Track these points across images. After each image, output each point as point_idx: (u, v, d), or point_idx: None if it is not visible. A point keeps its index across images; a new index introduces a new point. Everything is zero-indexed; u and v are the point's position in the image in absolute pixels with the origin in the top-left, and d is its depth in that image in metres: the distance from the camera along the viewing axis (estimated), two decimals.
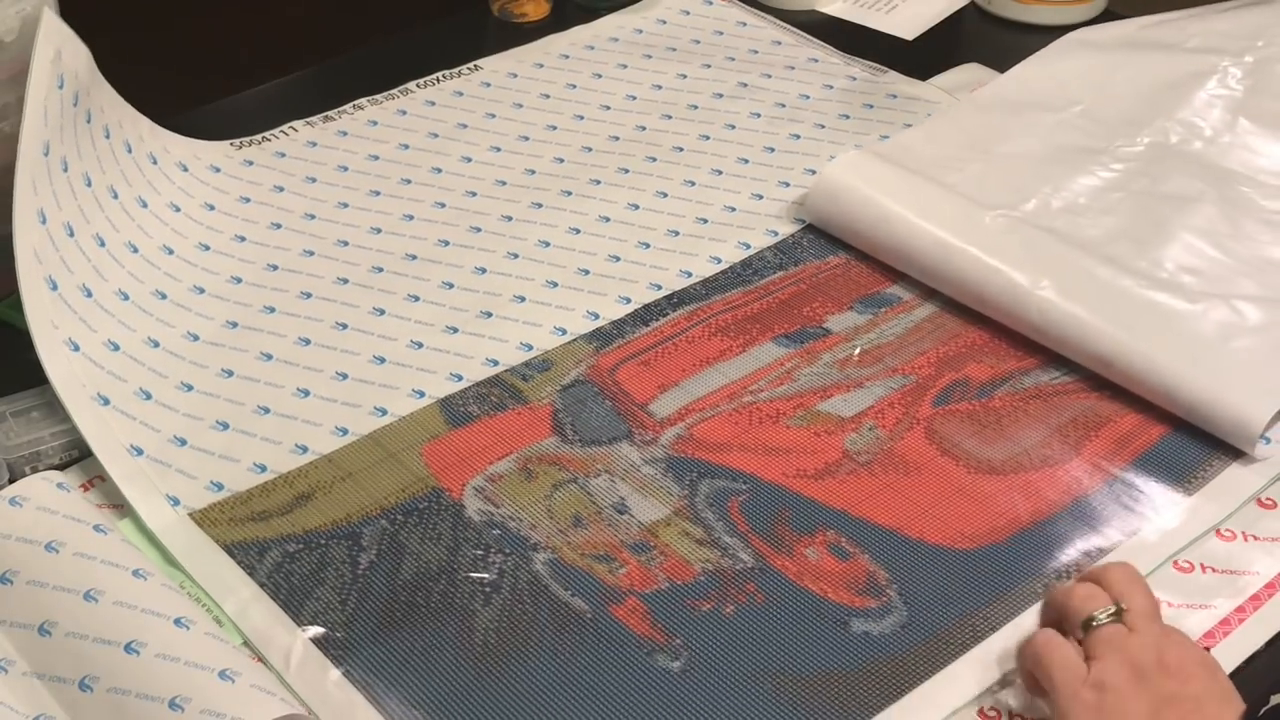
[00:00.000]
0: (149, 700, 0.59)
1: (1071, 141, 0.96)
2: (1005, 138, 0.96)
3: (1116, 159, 0.94)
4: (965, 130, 0.97)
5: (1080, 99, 0.99)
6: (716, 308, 0.87)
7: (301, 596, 0.68)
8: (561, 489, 0.74)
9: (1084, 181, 0.92)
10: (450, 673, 0.65)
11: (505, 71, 1.10)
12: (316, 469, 0.75)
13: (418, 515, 0.72)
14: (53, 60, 0.79)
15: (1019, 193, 0.90)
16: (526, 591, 0.69)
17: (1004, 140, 0.96)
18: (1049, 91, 1.00)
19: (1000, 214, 0.87)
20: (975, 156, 0.93)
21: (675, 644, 0.66)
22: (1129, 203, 0.90)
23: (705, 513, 0.73)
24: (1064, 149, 0.95)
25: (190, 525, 0.71)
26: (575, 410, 0.79)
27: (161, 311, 0.84)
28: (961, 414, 0.79)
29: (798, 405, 0.80)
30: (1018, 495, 0.74)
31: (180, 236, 0.89)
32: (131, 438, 0.75)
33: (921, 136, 0.97)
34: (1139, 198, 0.91)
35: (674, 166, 1.00)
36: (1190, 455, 0.76)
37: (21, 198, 0.77)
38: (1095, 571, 0.66)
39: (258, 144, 1.00)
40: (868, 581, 0.69)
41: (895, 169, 0.91)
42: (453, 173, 0.99)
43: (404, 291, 0.87)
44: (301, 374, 0.81)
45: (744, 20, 1.17)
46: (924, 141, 0.96)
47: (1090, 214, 0.89)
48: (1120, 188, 0.92)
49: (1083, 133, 0.97)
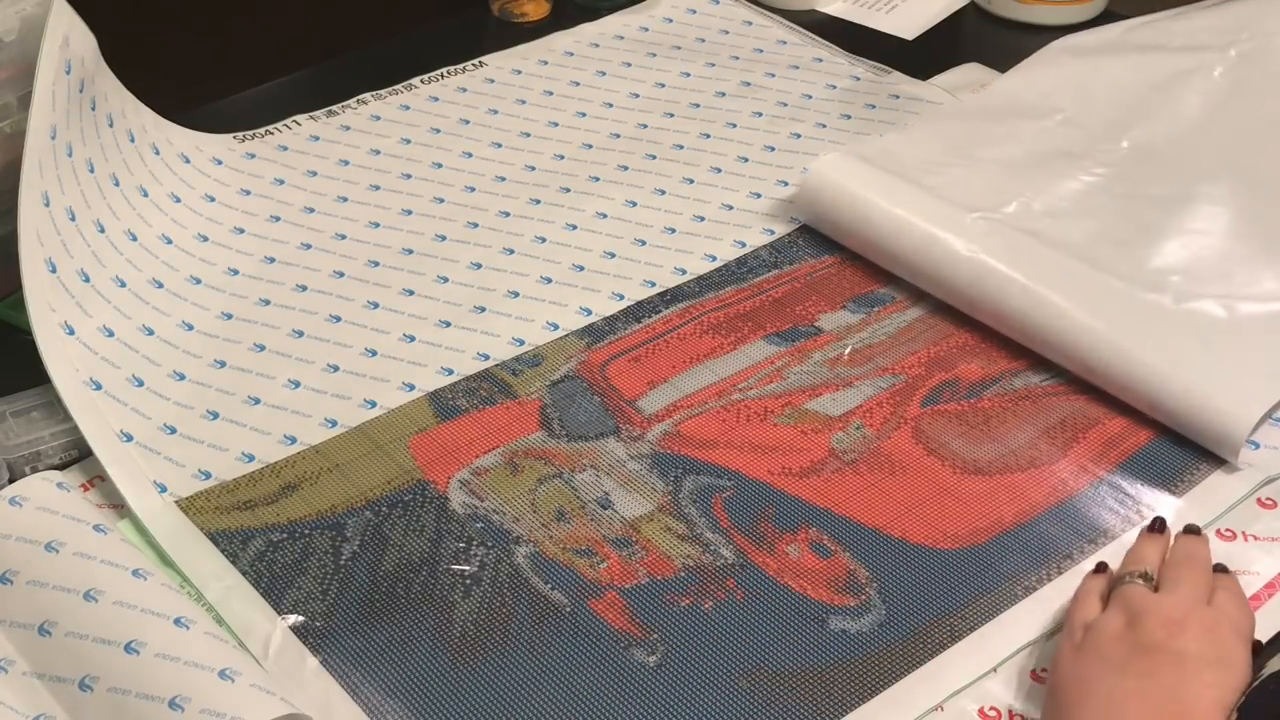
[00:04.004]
0: (149, 700, 0.59)
1: (1053, 147, 0.95)
2: (987, 143, 0.95)
3: (1099, 163, 0.94)
4: (947, 135, 0.97)
5: (1062, 107, 0.99)
6: (709, 305, 0.87)
7: (283, 585, 0.68)
8: (546, 483, 0.75)
9: (1066, 185, 0.92)
10: (427, 663, 0.65)
11: (509, 68, 1.10)
12: (304, 460, 0.75)
13: (402, 507, 0.73)
14: (61, 46, 0.80)
15: (1000, 195, 0.89)
16: (506, 584, 0.69)
17: (985, 145, 0.95)
18: (1031, 101, 0.99)
19: (980, 216, 0.87)
20: (956, 160, 0.93)
21: (652, 639, 0.66)
22: (1111, 206, 0.90)
23: (688, 509, 0.73)
24: (1046, 154, 0.95)
25: (176, 512, 0.72)
26: (564, 405, 0.80)
27: (157, 300, 0.85)
28: (950, 414, 0.79)
29: (786, 403, 0.80)
30: (1003, 496, 0.74)
31: (179, 227, 0.90)
32: (122, 423, 0.76)
33: (904, 140, 0.96)
34: (1121, 200, 0.90)
35: (673, 164, 1.00)
36: (1179, 458, 0.76)
37: (28, 179, 0.78)
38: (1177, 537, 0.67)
39: (260, 137, 1.01)
40: (847, 580, 0.69)
41: (876, 170, 0.91)
42: (453, 168, 0.99)
43: (399, 285, 0.88)
44: (293, 365, 0.82)
45: (750, 19, 1.18)
46: (906, 145, 0.95)
47: (1072, 217, 0.89)
48: (1103, 191, 0.91)
49: (1065, 139, 0.96)
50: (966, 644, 0.66)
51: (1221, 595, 0.63)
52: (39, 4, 0.79)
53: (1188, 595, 0.62)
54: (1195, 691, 0.58)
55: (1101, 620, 0.62)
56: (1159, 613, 0.61)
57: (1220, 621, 0.61)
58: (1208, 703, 0.57)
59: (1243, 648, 0.61)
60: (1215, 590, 0.64)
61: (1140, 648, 0.59)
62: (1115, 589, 0.64)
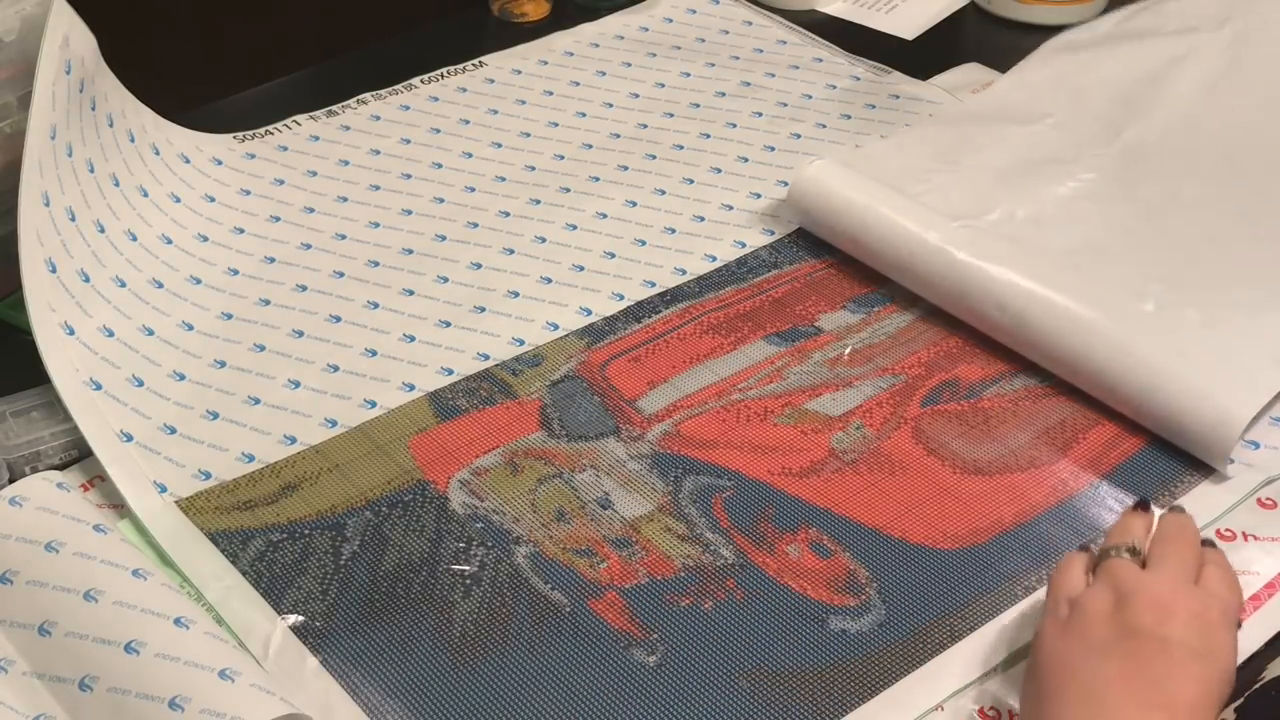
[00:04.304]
0: (149, 700, 0.59)
1: (1041, 153, 0.94)
2: (973, 149, 0.95)
3: (1087, 168, 0.93)
4: (935, 141, 0.96)
5: (1052, 110, 0.98)
6: (709, 305, 0.87)
7: (283, 585, 0.68)
8: (546, 483, 0.75)
9: (1052, 191, 0.91)
10: (427, 663, 0.65)
11: (509, 68, 1.10)
12: (304, 460, 0.75)
13: (402, 507, 0.73)
14: (61, 46, 0.80)
15: (984, 202, 0.89)
16: (506, 584, 0.69)
17: (972, 152, 0.95)
18: (1022, 104, 0.99)
19: (964, 224, 0.86)
20: (942, 167, 0.92)
21: (652, 639, 0.66)
22: (1096, 212, 0.89)
23: (688, 509, 0.73)
24: (1032, 161, 0.94)
25: (176, 512, 0.72)
26: (564, 405, 0.80)
27: (157, 300, 0.85)
28: (950, 414, 0.79)
29: (786, 403, 0.80)
30: (1002, 496, 0.74)
31: (179, 227, 0.90)
32: (122, 423, 0.76)
33: (891, 147, 0.96)
34: (1106, 205, 0.90)
35: (673, 164, 1.00)
36: (1179, 457, 0.76)
37: (28, 179, 0.78)
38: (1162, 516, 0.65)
39: (260, 137, 1.01)
40: (847, 580, 0.70)
41: (861, 178, 0.90)
42: (453, 168, 0.99)
43: (399, 285, 0.88)
44: (293, 365, 0.82)
45: (750, 19, 1.18)
46: (893, 151, 0.95)
47: (1055, 224, 0.88)
48: (1088, 196, 0.91)
49: (1054, 144, 0.95)
50: (966, 644, 0.66)
51: (1210, 572, 0.62)
52: (39, 4, 0.79)
53: (1176, 573, 0.61)
54: (1180, 684, 0.56)
55: (1087, 597, 0.60)
56: (1147, 593, 0.59)
57: (1209, 606, 0.59)
58: (1191, 696, 0.56)
59: (1230, 634, 0.59)
60: (1204, 566, 0.62)
61: (1127, 631, 0.58)
62: (1101, 562, 0.62)
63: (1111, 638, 0.58)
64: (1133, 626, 0.58)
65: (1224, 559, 0.64)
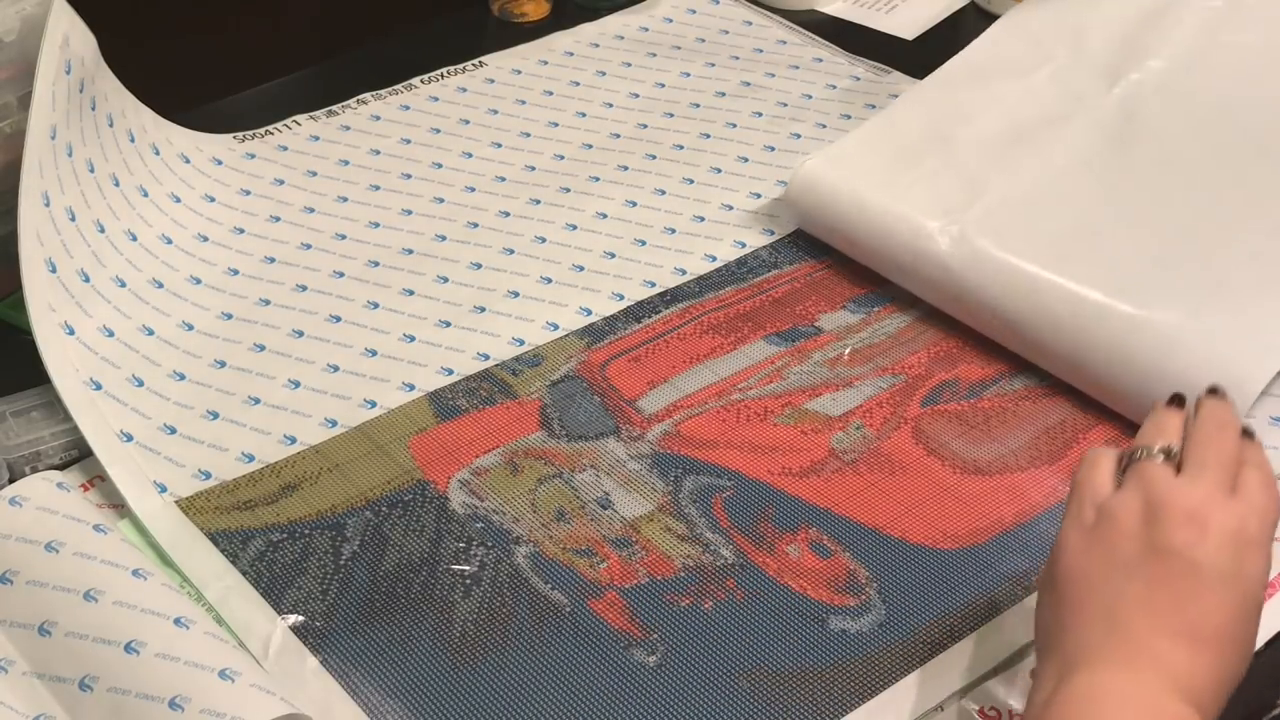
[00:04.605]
0: (149, 700, 0.59)
1: (1035, 112, 0.93)
2: (967, 118, 0.93)
3: (1085, 124, 0.91)
4: (928, 112, 0.95)
5: (1054, 54, 0.96)
6: (709, 305, 0.87)
7: (283, 585, 0.68)
8: (546, 483, 0.75)
9: (1044, 162, 0.89)
10: (427, 663, 0.65)
11: (509, 68, 1.10)
12: (304, 460, 0.75)
13: (402, 507, 0.73)
14: (61, 46, 0.80)
15: (974, 187, 0.87)
16: (506, 584, 0.69)
17: (965, 121, 0.93)
18: (1022, 52, 0.97)
19: (952, 220, 0.85)
20: (934, 148, 0.91)
21: (652, 639, 0.66)
22: (1088, 188, 0.87)
23: (688, 509, 0.73)
24: (1027, 124, 0.92)
25: (176, 512, 0.72)
26: (563, 405, 0.80)
27: (157, 300, 0.85)
28: (950, 414, 0.79)
29: (786, 403, 0.80)
30: (1002, 497, 0.74)
31: (179, 227, 0.90)
32: (121, 423, 0.76)
33: (885, 125, 0.95)
34: (1102, 175, 0.88)
35: (673, 164, 1.00)
36: None
37: (28, 179, 0.78)
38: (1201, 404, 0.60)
39: (260, 137, 1.01)
40: (847, 579, 0.70)
41: (852, 176, 0.90)
42: (453, 168, 0.99)
43: (399, 285, 0.88)
44: (293, 365, 0.82)
45: (749, 19, 1.18)
46: (887, 131, 0.93)
47: (1048, 203, 0.86)
48: (1084, 164, 0.89)
49: (1049, 98, 0.93)
50: (966, 644, 0.66)
51: (1248, 475, 0.57)
52: (39, 4, 0.79)
53: (1213, 483, 0.56)
54: (1207, 610, 0.54)
55: (1116, 504, 0.56)
56: (1181, 506, 0.55)
57: (1246, 521, 0.55)
58: (1218, 623, 0.54)
59: (1264, 552, 0.55)
60: (1242, 467, 0.57)
61: (1155, 550, 0.54)
62: (1132, 464, 0.58)
63: (1138, 556, 0.55)
64: (1163, 546, 0.54)
65: (1263, 456, 0.59)
